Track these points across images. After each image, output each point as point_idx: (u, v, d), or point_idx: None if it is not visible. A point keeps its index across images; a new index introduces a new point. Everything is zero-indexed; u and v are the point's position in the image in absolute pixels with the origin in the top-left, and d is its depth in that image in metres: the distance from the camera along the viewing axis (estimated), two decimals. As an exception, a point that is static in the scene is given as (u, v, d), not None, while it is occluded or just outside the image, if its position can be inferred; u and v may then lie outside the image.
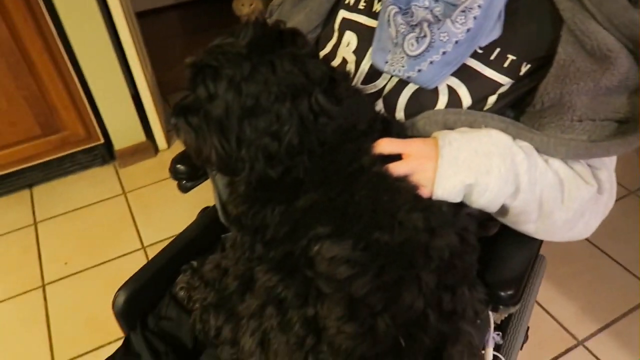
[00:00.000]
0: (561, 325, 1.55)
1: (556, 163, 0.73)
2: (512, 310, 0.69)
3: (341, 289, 0.58)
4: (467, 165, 0.67)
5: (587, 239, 1.78)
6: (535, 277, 1.11)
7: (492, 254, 0.75)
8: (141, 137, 2.20)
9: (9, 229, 2.00)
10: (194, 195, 2.07)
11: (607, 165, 0.77)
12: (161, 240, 1.90)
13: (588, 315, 1.57)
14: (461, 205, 0.71)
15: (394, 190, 0.65)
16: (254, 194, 0.69)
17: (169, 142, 2.35)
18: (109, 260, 1.86)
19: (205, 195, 2.05)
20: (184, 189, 0.93)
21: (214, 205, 0.96)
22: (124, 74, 2.02)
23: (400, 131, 0.74)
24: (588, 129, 0.71)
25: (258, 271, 0.65)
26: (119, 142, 2.17)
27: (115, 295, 0.84)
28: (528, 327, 1.19)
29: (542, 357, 1.48)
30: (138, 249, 1.89)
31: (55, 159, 2.10)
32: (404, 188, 0.66)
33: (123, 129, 2.15)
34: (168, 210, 2.03)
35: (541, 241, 0.81)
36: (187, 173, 0.92)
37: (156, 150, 2.30)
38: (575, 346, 1.49)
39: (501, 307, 0.69)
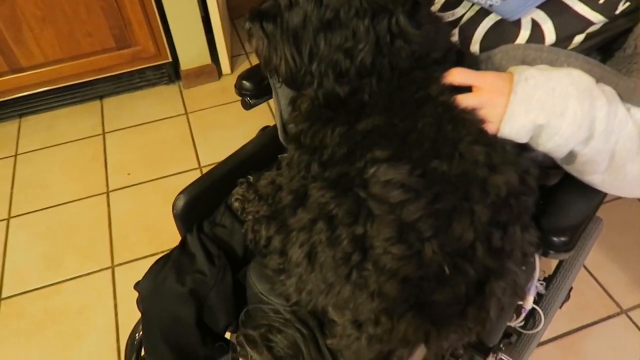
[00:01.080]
0: (606, 292, 1.52)
1: (639, 113, 0.69)
2: (564, 256, 0.68)
3: (392, 212, 0.59)
4: (540, 104, 0.65)
5: (650, 210, 1.70)
6: (589, 237, 1.08)
7: (551, 200, 0.74)
8: (207, 59, 2.24)
9: (80, 136, 2.13)
10: (252, 121, 2.12)
11: None
12: (217, 162, 1.97)
13: (637, 285, 1.52)
14: (525, 147, 0.70)
15: (458, 121, 0.64)
16: (316, 112, 0.69)
17: (233, 67, 2.38)
18: (167, 176, 1.95)
19: (263, 121, 2.09)
20: (247, 106, 0.95)
21: (274, 125, 0.98)
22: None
23: (474, 64, 0.72)
24: None
25: (312, 187, 0.67)
26: (186, 63, 2.22)
27: (175, 199, 0.89)
28: (571, 288, 1.18)
29: (581, 319, 1.46)
30: (195, 168, 1.97)
31: (126, 73, 2.18)
32: (469, 120, 0.65)
33: (190, 50, 2.18)
34: (226, 134, 2.09)
35: (604, 195, 0.78)
36: (252, 90, 0.94)
37: (220, 74, 2.34)
38: (618, 314, 1.47)
39: (552, 252, 0.68)
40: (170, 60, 2.18)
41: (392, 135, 0.64)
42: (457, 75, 0.68)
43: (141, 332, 0.92)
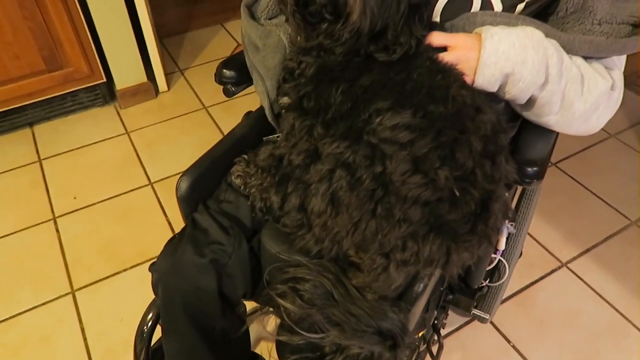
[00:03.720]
0: (547, 250, 1.70)
1: (578, 60, 0.84)
2: (536, 185, 0.80)
3: (404, 149, 0.67)
4: (505, 55, 0.77)
5: (570, 176, 1.94)
6: (531, 202, 1.23)
7: (517, 141, 0.86)
8: (143, 77, 2.22)
9: (13, 166, 2.01)
10: (197, 132, 2.13)
11: (618, 66, 0.88)
12: (168, 177, 1.96)
13: (571, 241, 1.72)
14: (493, 100, 0.82)
15: (445, 71, 0.75)
16: (323, 73, 0.76)
17: (170, 84, 2.37)
18: (117, 195, 1.90)
19: (207, 132, 2.10)
20: (229, 94, 0.99)
21: (257, 109, 1.03)
22: (129, 13, 2.03)
23: (442, 30, 0.83)
24: (606, 31, 0.82)
25: (323, 144, 0.73)
26: (121, 82, 2.19)
27: (178, 181, 0.90)
28: (521, 253, 1.33)
29: (530, 276, 1.62)
30: (145, 185, 1.94)
31: (57, 96, 2.10)
32: (454, 70, 0.76)
33: (125, 69, 2.16)
34: (172, 147, 2.08)
35: (557, 135, 0.92)
36: (233, 77, 0.98)
37: (157, 92, 2.33)
38: (560, 267, 1.65)
39: (527, 180, 0.80)
40: (105, 80, 2.14)
41: (391, 86, 0.73)
42: (435, 38, 0.79)
43: (150, 322, 0.92)
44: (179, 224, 0.96)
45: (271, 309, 0.75)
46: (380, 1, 0.68)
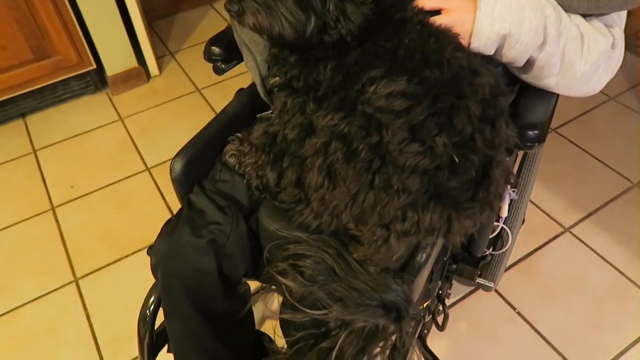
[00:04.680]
0: (549, 216, 1.69)
1: (577, 18, 0.81)
2: (538, 148, 0.78)
3: (401, 118, 0.65)
4: (502, 17, 0.75)
5: (570, 141, 1.92)
6: (532, 167, 1.21)
7: (517, 105, 0.84)
8: (133, 62, 2.18)
9: (7, 158, 1.99)
10: (191, 115, 2.11)
11: (619, 23, 0.85)
12: (164, 161, 1.94)
13: (573, 206, 1.71)
14: (490, 62, 0.79)
15: (438, 34, 0.73)
16: (305, 57, 0.74)
17: (161, 68, 2.34)
18: (114, 182, 1.89)
19: (202, 115, 2.08)
20: (219, 71, 0.97)
21: (249, 85, 1.00)
22: (114, -5, 1.98)
23: None
24: None
25: (317, 117, 0.71)
26: (112, 68, 2.15)
27: (172, 162, 0.88)
28: (524, 220, 1.32)
29: (534, 243, 1.62)
30: (142, 170, 1.92)
31: (48, 85, 2.07)
32: (447, 33, 0.73)
33: (115, 55, 2.12)
34: (167, 132, 2.06)
35: (557, 97, 0.90)
36: (222, 54, 0.96)
37: (148, 76, 2.29)
38: (562, 232, 1.64)
39: (528, 144, 0.78)
40: (95, 67, 2.11)
41: (382, 54, 0.70)
42: (428, 1, 0.76)
43: (152, 306, 0.91)
44: (178, 207, 0.95)
45: (273, 287, 0.74)
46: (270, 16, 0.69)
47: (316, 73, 0.74)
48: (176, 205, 0.94)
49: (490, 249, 1.24)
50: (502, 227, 1.20)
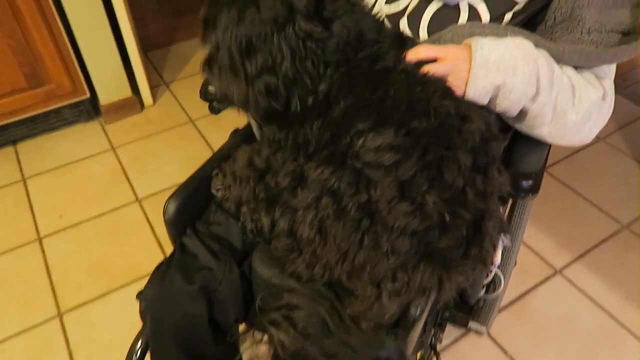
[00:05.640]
0: (540, 257, 1.69)
1: (569, 70, 0.82)
2: (531, 199, 0.78)
3: (389, 174, 0.65)
4: (496, 67, 0.76)
5: (560, 181, 1.93)
6: (524, 212, 1.21)
7: (510, 154, 0.85)
8: (127, 92, 2.18)
9: (-5, 185, 1.96)
10: (183, 146, 2.10)
11: (609, 75, 0.87)
12: (155, 193, 1.92)
13: (564, 247, 1.71)
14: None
15: (424, 82, 0.73)
16: (289, 121, 0.75)
17: (155, 98, 2.34)
18: (104, 213, 1.86)
19: (194, 147, 2.07)
20: (215, 111, 0.97)
21: (244, 127, 1.00)
22: (111, 26, 1.99)
23: (413, 44, 0.80)
24: (596, 39, 0.81)
25: (308, 168, 0.70)
26: (105, 97, 2.15)
27: (165, 204, 0.87)
28: (515, 262, 1.31)
29: (525, 285, 1.61)
30: (133, 202, 1.90)
31: (41, 114, 2.06)
32: (433, 80, 0.74)
33: (109, 84, 2.12)
34: (159, 162, 2.05)
35: (550, 147, 0.90)
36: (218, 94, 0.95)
37: (142, 106, 2.29)
38: (554, 274, 1.64)
39: (522, 194, 0.78)
40: (89, 95, 2.10)
41: (368, 106, 0.70)
42: (422, 51, 0.77)
43: (139, 351, 0.88)
44: (167, 240, 0.94)
45: (265, 339, 0.72)
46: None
47: (304, 133, 0.75)
48: (166, 239, 0.93)
49: (483, 292, 1.23)
50: (495, 272, 1.19)
